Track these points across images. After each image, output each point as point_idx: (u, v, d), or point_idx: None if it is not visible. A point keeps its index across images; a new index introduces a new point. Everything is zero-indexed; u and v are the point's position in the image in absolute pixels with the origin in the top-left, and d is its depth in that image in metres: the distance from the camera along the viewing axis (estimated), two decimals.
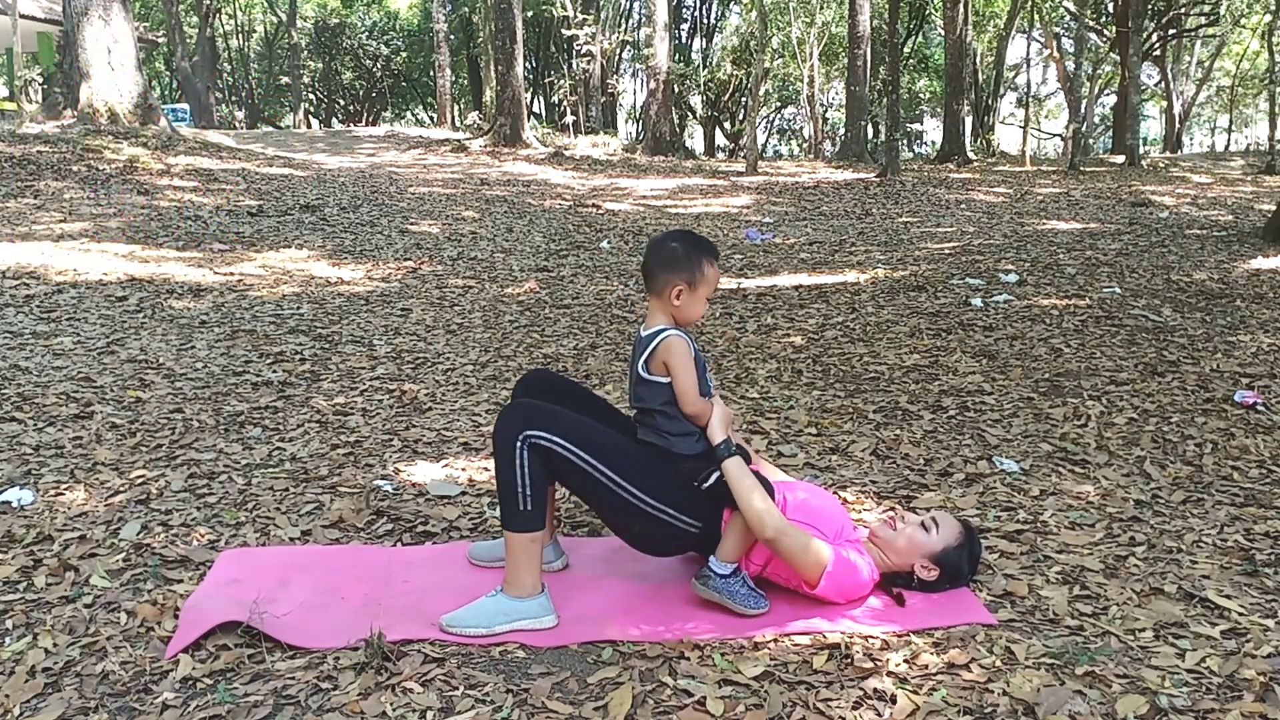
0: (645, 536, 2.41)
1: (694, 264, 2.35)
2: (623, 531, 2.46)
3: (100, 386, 4.13)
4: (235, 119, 32.34)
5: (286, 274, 6.75)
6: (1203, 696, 1.97)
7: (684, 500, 2.36)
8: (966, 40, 19.87)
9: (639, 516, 2.35)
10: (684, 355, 2.33)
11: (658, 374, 2.36)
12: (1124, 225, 9.67)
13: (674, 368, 2.33)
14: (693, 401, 2.34)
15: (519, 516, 2.26)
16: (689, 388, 2.33)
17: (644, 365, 2.36)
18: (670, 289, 2.34)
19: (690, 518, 2.37)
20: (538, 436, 2.25)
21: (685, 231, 2.46)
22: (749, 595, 2.32)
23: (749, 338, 5.30)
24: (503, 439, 2.26)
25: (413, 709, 1.94)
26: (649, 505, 2.33)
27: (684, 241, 2.39)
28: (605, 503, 2.37)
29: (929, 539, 2.43)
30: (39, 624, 2.26)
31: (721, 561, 2.34)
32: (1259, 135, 34.76)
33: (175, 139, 12.71)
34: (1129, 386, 4.25)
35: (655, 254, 2.38)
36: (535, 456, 2.25)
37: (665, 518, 2.35)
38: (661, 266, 2.36)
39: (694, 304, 2.36)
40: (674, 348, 2.33)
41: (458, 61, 31.79)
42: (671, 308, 2.36)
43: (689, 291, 2.34)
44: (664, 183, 14.44)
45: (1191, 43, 28.61)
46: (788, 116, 33.81)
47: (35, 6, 19.73)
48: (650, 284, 2.39)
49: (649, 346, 2.35)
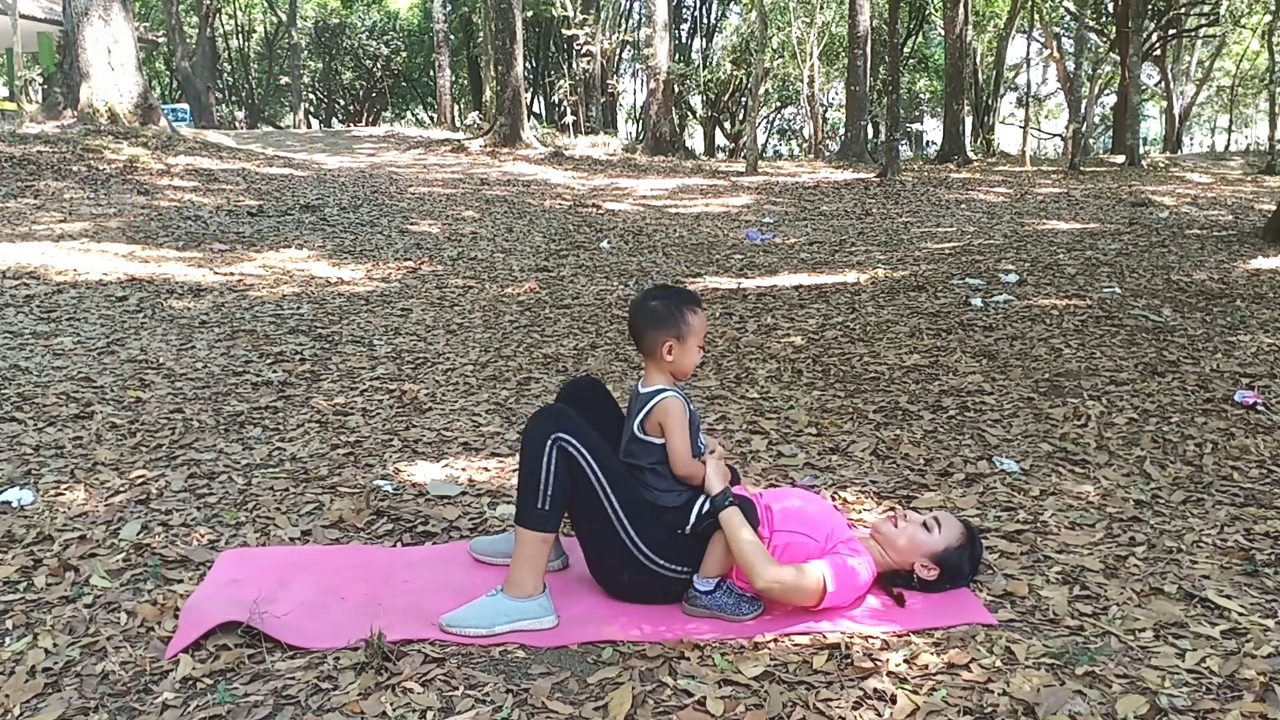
0: (634, 587, 2.39)
1: (678, 317, 2.37)
2: (611, 580, 2.43)
3: (100, 386, 4.13)
4: (235, 119, 32.35)
5: (286, 274, 6.75)
6: (1203, 696, 1.97)
7: (672, 549, 2.36)
8: (966, 40, 19.87)
9: (630, 565, 2.35)
10: (679, 418, 2.36)
11: (652, 434, 2.38)
12: (1124, 225, 9.67)
13: (669, 429, 2.36)
14: (684, 464, 2.37)
15: (535, 514, 2.26)
16: (682, 450, 2.36)
17: (640, 426, 2.38)
18: (660, 347, 2.37)
19: (678, 565, 2.37)
20: (568, 442, 2.25)
21: (663, 286, 2.49)
22: (738, 604, 2.33)
23: (749, 338, 5.30)
24: (535, 434, 2.27)
25: (413, 709, 1.94)
26: (640, 551, 2.33)
27: (663, 297, 2.41)
28: (602, 537, 2.36)
29: (930, 538, 2.44)
30: (39, 624, 2.26)
31: (704, 579, 2.35)
32: (1259, 135, 34.79)
33: (175, 139, 12.71)
34: (1129, 386, 4.25)
35: (638, 315, 2.41)
36: (563, 460, 2.25)
37: (655, 568, 2.35)
38: (647, 326, 2.39)
39: (686, 355, 2.39)
40: (670, 410, 2.35)
41: (458, 61, 31.79)
42: (666, 364, 2.39)
43: (679, 345, 2.37)
44: (664, 183, 14.44)
45: (1191, 43, 28.60)
46: (788, 116, 33.82)
47: (35, 6, 19.73)
48: (640, 345, 2.42)
49: (646, 406, 2.37)
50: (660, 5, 20.03)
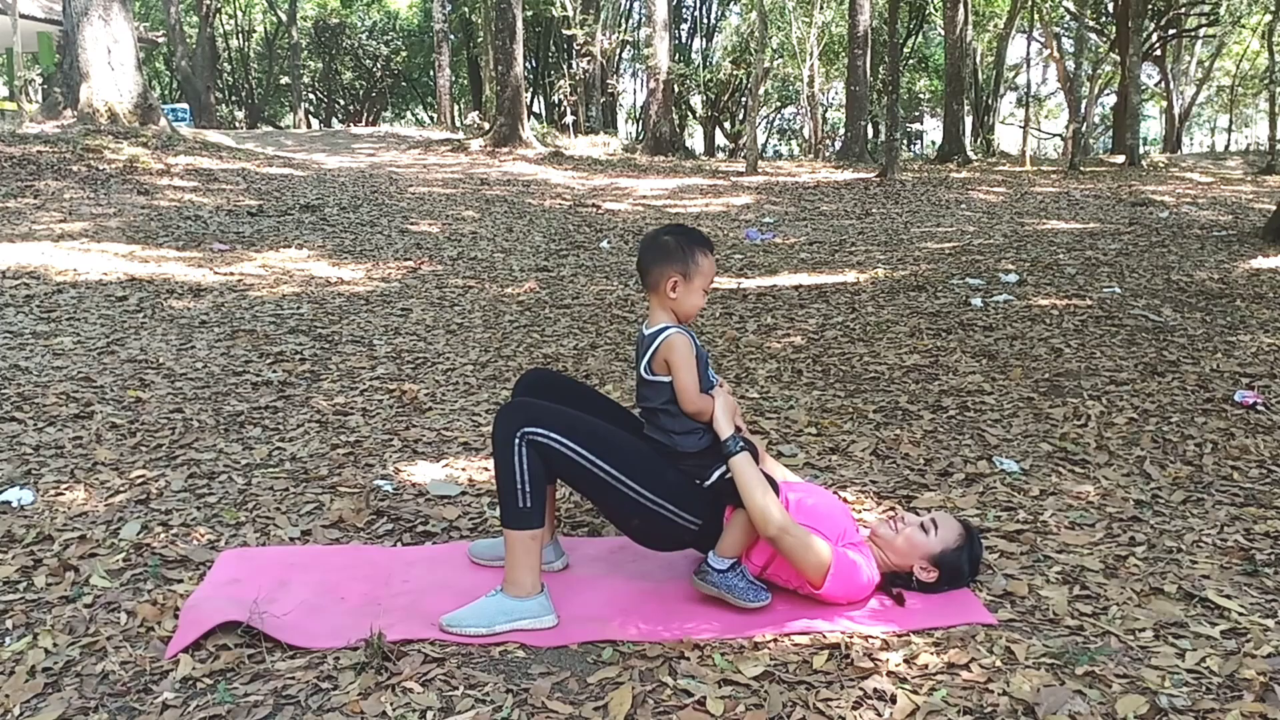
0: (644, 531, 2.43)
1: (687, 255, 2.34)
2: (622, 524, 2.47)
3: (100, 386, 4.13)
4: (235, 119, 32.35)
5: (286, 274, 6.75)
6: (1203, 696, 1.97)
7: (684, 497, 2.37)
8: (966, 40, 19.87)
9: (638, 511, 2.36)
10: (685, 353, 2.32)
11: (660, 373, 2.36)
12: (1124, 225, 9.67)
13: (674, 365, 2.32)
14: (693, 399, 2.34)
15: (518, 514, 2.27)
16: (689, 385, 2.33)
17: (646, 365, 2.36)
18: (665, 281, 2.34)
19: (690, 514, 2.37)
20: (536, 433, 2.26)
21: (677, 225, 2.45)
22: (748, 589, 2.33)
23: (749, 338, 5.30)
24: (501, 437, 2.27)
25: (413, 709, 1.94)
26: (648, 500, 2.34)
27: (676, 234, 2.39)
28: (605, 498, 2.38)
29: (928, 540, 2.43)
30: (39, 624, 2.26)
31: (720, 557, 2.34)
32: (1259, 135, 34.77)
33: (175, 139, 12.70)
34: (1129, 386, 4.25)
35: (648, 249, 2.39)
36: (534, 453, 2.25)
37: (665, 513, 2.35)
38: (655, 260, 2.36)
39: (690, 295, 2.36)
40: (675, 345, 2.32)
41: (458, 61, 31.77)
42: (669, 301, 2.35)
43: (684, 283, 2.34)
44: (664, 183, 14.44)
45: (1191, 43, 28.59)
46: (788, 116, 33.81)
47: (35, 6, 19.73)
48: (646, 279, 2.39)
49: (651, 346, 2.35)
50: (660, 5, 20.02)
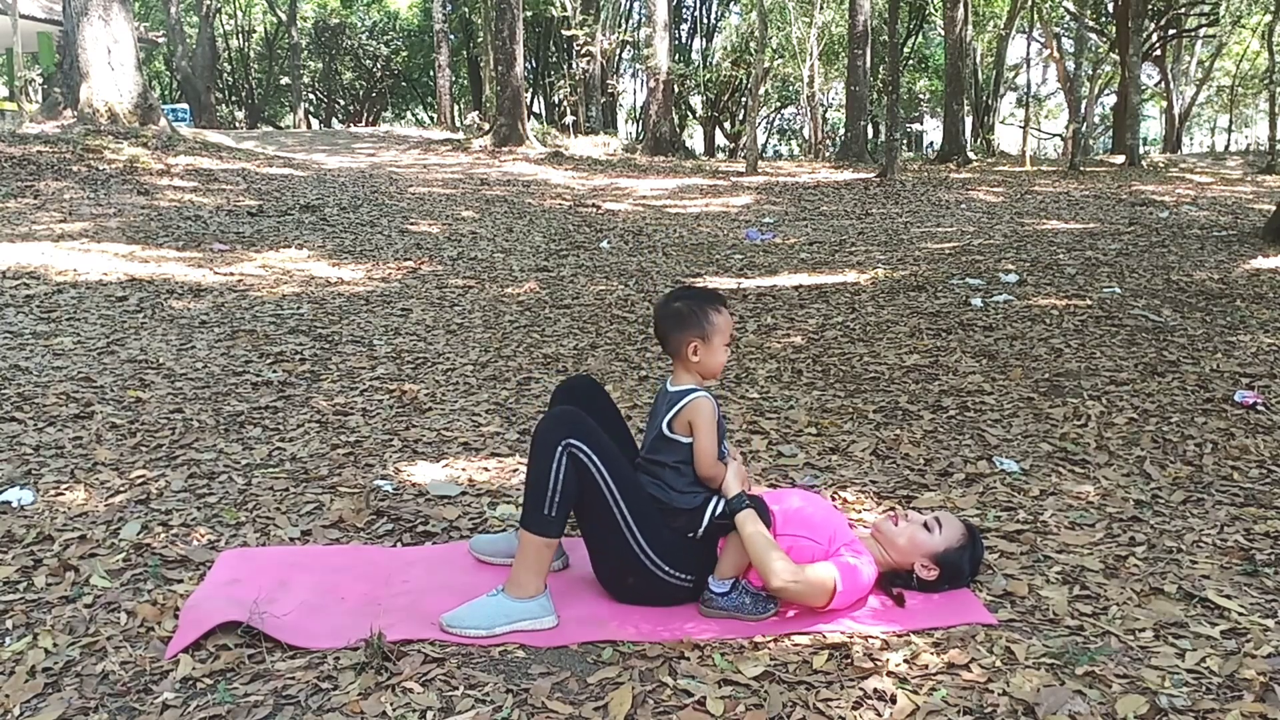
0: (638, 590, 2.39)
1: (701, 317, 2.37)
2: (615, 582, 2.43)
3: (100, 386, 4.13)
4: (235, 119, 32.35)
5: (286, 274, 6.75)
6: (1203, 696, 1.97)
7: (678, 555, 2.36)
8: (966, 40, 19.86)
9: (635, 569, 2.34)
10: (709, 419, 2.36)
11: (680, 433, 2.38)
12: (1124, 225, 9.67)
13: (698, 429, 2.36)
14: (709, 465, 2.37)
15: (541, 520, 2.26)
16: (709, 450, 2.36)
17: (668, 424, 2.38)
18: (686, 347, 2.37)
19: (683, 573, 2.37)
20: (579, 448, 2.25)
21: (686, 288, 2.50)
22: (754, 603, 2.33)
23: (749, 338, 5.30)
24: (545, 440, 2.26)
25: (413, 709, 1.94)
26: (647, 557, 2.33)
27: (687, 298, 2.42)
28: (609, 541, 2.36)
29: (930, 538, 2.44)
30: (39, 624, 2.26)
31: (720, 580, 2.35)
32: (1259, 135, 34.77)
33: (175, 139, 12.70)
34: (1129, 386, 4.25)
35: (663, 318, 2.41)
36: (572, 466, 2.25)
37: (660, 574, 2.35)
38: (671, 328, 2.39)
39: (712, 355, 2.39)
40: (701, 410, 2.35)
41: (458, 61, 31.77)
42: (692, 364, 2.39)
43: (704, 345, 2.37)
44: (664, 183, 14.44)
45: (1191, 43, 28.60)
46: (788, 116, 33.82)
47: (35, 6, 19.73)
48: (666, 347, 2.43)
49: (676, 405, 2.37)
50: (660, 5, 20.02)
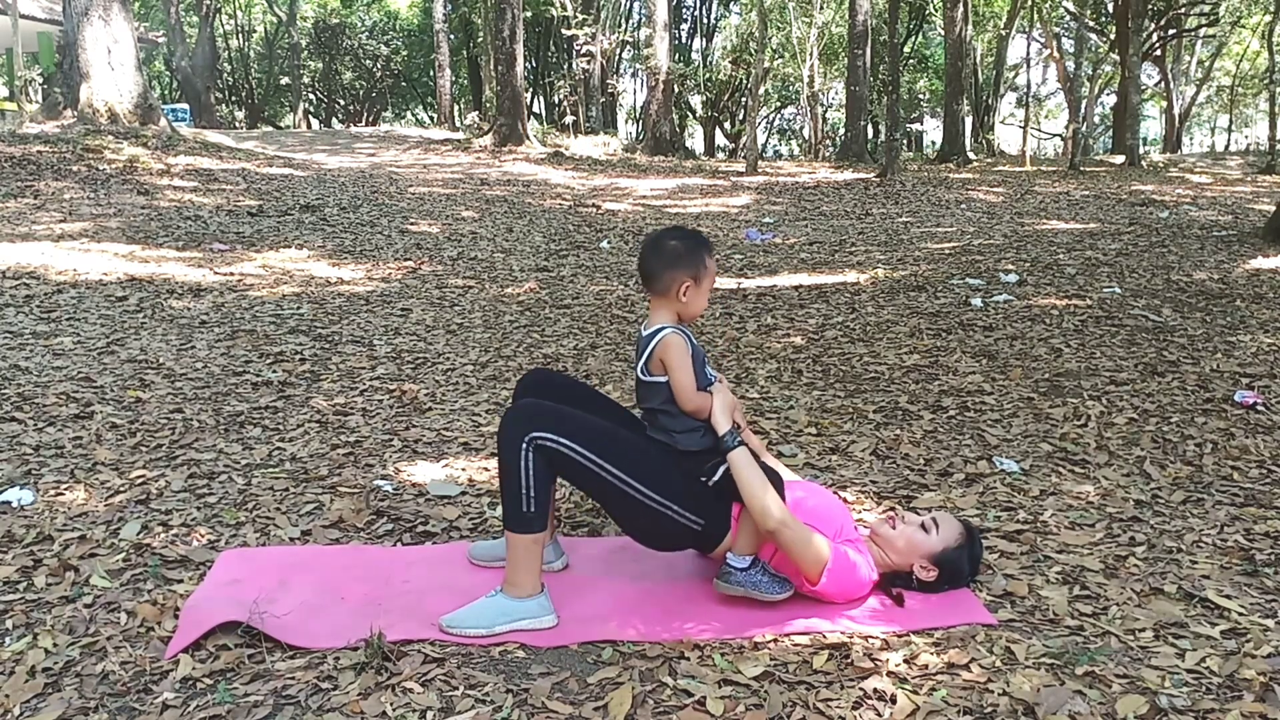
0: (650, 531, 2.42)
1: (697, 258, 2.37)
2: (628, 526, 2.47)
3: (100, 386, 4.13)
4: (235, 119, 32.35)
5: (286, 274, 6.75)
6: (1203, 696, 1.97)
7: (687, 497, 2.37)
8: (966, 40, 19.86)
9: (644, 512, 2.35)
10: (680, 352, 2.34)
11: (656, 373, 2.37)
12: (1124, 225, 9.67)
13: (670, 365, 2.34)
14: (690, 398, 2.35)
15: (521, 518, 2.26)
16: (685, 384, 2.34)
17: (643, 367, 2.38)
18: (677, 286, 2.35)
19: (694, 515, 2.37)
20: (543, 438, 2.25)
21: (678, 227, 2.47)
22: (771, 582, 2.33)
23: (749, 338, 5.30)
24: (508, 440, 2.26)
25: (413, 709, 1.94)
26: (654, 501, 2.33)
27: (682, 237, 2.41)
28: (610, 500, 2.38)
29: (928, 539, 2.43)
30: (39, 624, 2.26)
31: (739, 555, 2.35)
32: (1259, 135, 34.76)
33: (175, 139, 12.69)
34: (1129, 386, 4.25)
35: (655, 253, 2.39)
36: (540, 458, 2.25)
37: (669, 513, 2.35)
38: (664, 265, 2.36)
39: (699, 297, 2.39)
40: (670, 344, 2.34)
41: (458, 61, 31.77)
42: (678, 305, 2.37)
43: (694, 286, 2.36)
44: (664, 183, 14.44)
45: (1191, 43, 28.60)
46: (788, 116, 33.79)
47: (35, 6, 19.74)
48: (653, 284, 2.39)
49: (648, 347, 2.36)
50: (660, 5, 20.02)
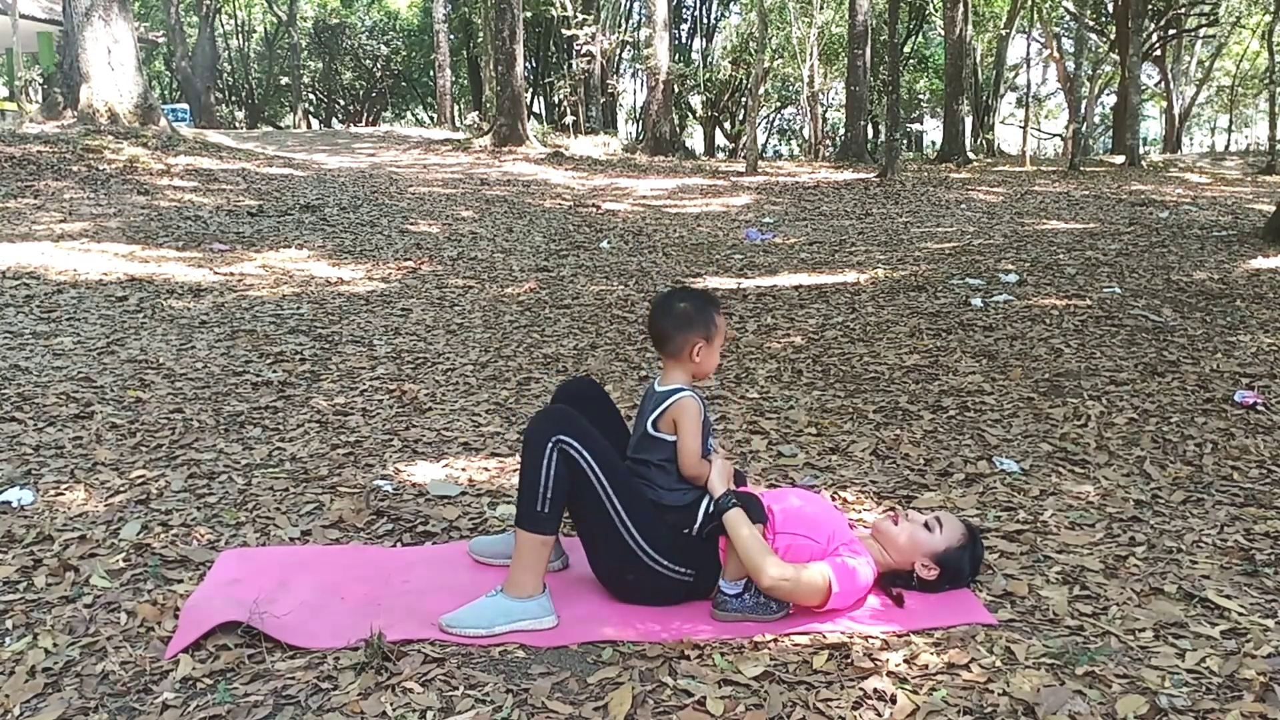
0: (638, 587, 2.38)
1: (707, 318, 2.40)
2: (614, 580, 2.42)
3: (100, 386, 4.13)
4: (235, 119, 32.35)
5: (286, 274, 6.75)
6: (1203, 696, 1.97)
7: (676, 549, 2.36)
8: (966, 40, 19.86)
9: (634, 565, 2.34)
10: (694, 418, 2.36)
11: (665, 431, 2.38)
12: (1124, 225, 9.67)
13: (682, 429, 2.36)
14: (693, 465, 2.38)
15: (534, 516, 2.26)
16: (692, 450, 2.37)
17: (653, 423, 2.38)
18: (689, 348, 2.38)
19: (683, 567, 2.36)
20: (569, 444, 2.24)
21: (686, 289, 2.52)
22: (766, 604, 2.32)
23: (749, 338, 5.30)
24: (535, 437, 2.26)
25: (413, 709, 1.94)
26: (645, 553, 2.32)
27: (691, 299, 2.43)
28: (606, 539, 2.35)
29: (931, 538, 2.43)
30: (39, 624, 2.26)
31: (731, 582, 2.34)
32: (1259, 135, 34.77)
33: (175, 139, 12.69)
34: (1129, 386, 4.25)
35: (665, 316, 2.41)
36: (563, 463, 2.24)
37: (659, 569, 2.34)
38: (676, 328, 2.39)
39: (711, 356, 2.41)
40: (686, 409, 2.36)
41: (458, 61, 31.77)
42: (692, 366, 2.40)
43: (707, 346, 2.39)
44: (664, 183, 14.44)
45: (1191, 43, 28.59)
46: (788, 116, 33.80)
47: (35, 6, 19.73)
48: (666, 346, 2.42)
49: (663, 404, 2.37)
50: (660, 5, 20.02)
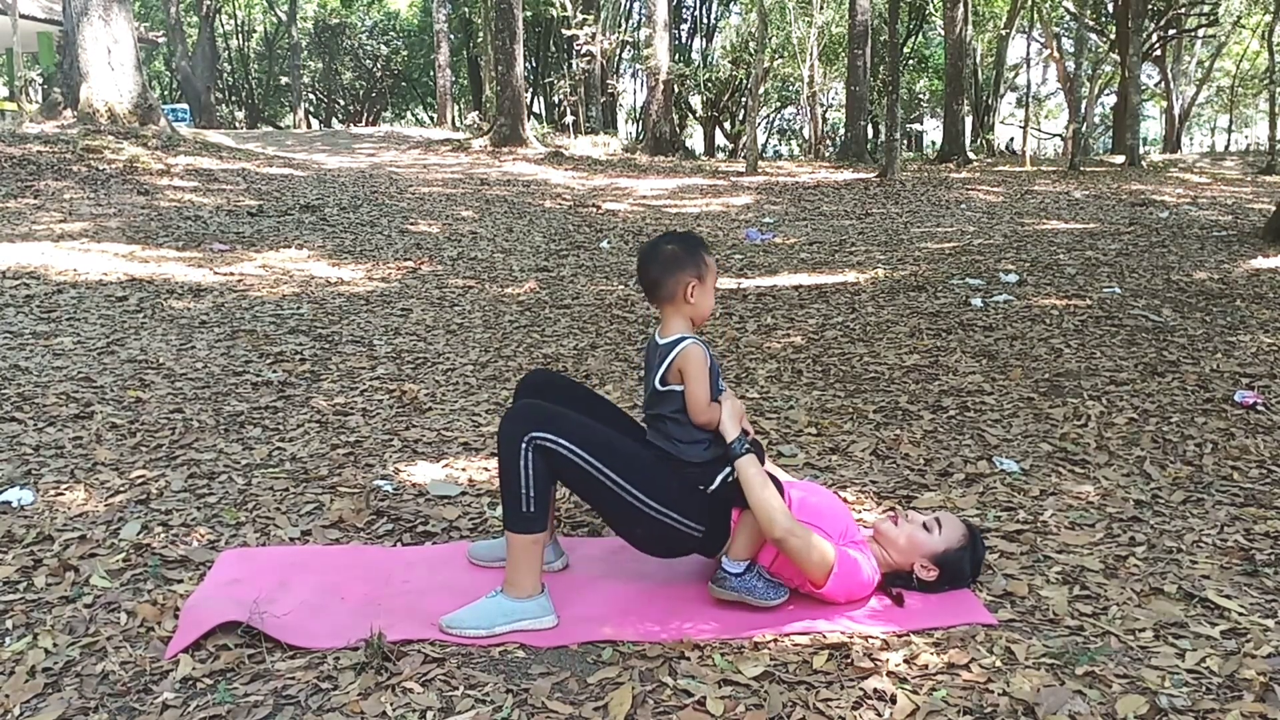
0: (648, 538, 2.41)
1: (696, 257, 2.37)
2: (625, 533, 2.46)
3: (100, 386, 4.12)
4: (235, 119, 32.36)
5: (286, 274, 6.75)
6: (1203, 696, 1.97)
7: (687, 504, 2.36)
8: (966, 40, 19.86)
9: (641, 519, 2.35)
10: (700, 364, 2.34)
11: (673, 382, 2.36)
12: (1124, 225, 9.67)
13: (689, 376, 2.34)
14: (702, 410, 2.35)
15: (521, 518, 2.26)
16: (701, 396, 2.34)
17: (661, 378, 2.37)
18: (683, 289, 2.35)
19: (693, 522, 2.36)
20: (542, 438, 2.24)
21: (670, 232, 2.48)
22: (767, 587, 2.33)
23: (749, 338, 5.30)
24: (507, 440, 2.26)
25: (413, 709, 1.94)
26: (651, 508, 2.32)
27: (677, 240, 2.41)
28: (608, 505, 2.37)
29: (930, 539, 2.43)
30: (39, 624, 2.26)
31: (734, 560, 2.34)
32: (1259, 135, 34.77)
33: (175, 139, 12.69)
34: (1129, 386, 4.25)
35: (654, 260, 2.39)
36: (540, 458, 2.24)
37: (668, 521, 2.34)
38: (666, 270, 2.37)
39: (706, 296, 2.39)
40: (691, 356, 2.34)
41: (458, 61, 31.77)
42: (687, 308, 2.37)
43: (700, 285, 2.36)
44: (664, 183, 14.44)
45: (1191, 43, 28.59)
46: (788, 116, 33.81)
47: (35, 6, 19.72)
48: (658, 291, 2.39)
49: (668, 356, 2.35)
50: (660, 5, 20.02)
